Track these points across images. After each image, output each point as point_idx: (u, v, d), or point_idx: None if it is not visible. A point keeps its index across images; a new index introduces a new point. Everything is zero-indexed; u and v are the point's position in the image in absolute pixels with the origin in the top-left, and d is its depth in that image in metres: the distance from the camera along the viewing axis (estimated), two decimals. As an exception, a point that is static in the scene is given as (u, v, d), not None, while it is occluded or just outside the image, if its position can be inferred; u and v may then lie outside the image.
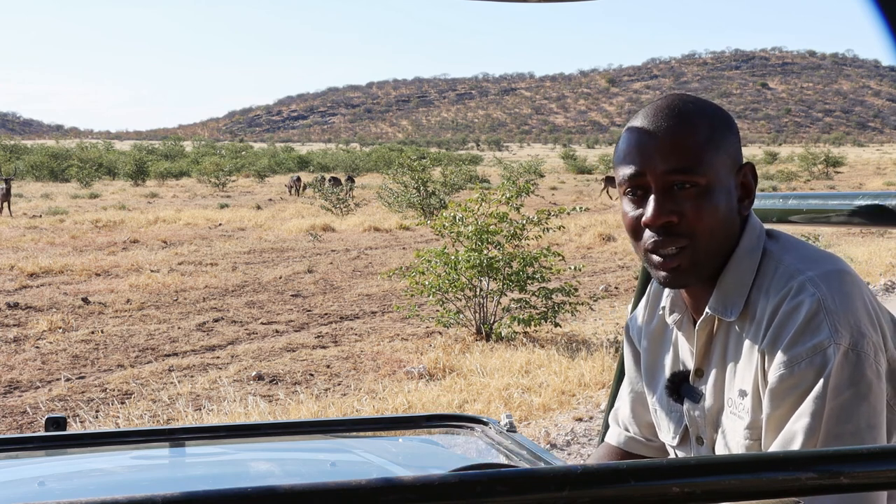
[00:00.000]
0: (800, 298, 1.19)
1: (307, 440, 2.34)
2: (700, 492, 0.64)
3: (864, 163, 76.78)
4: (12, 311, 10.38)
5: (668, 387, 1.40)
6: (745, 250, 1.29)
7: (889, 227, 1.59)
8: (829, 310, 1.17)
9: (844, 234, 17.14)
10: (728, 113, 1.33)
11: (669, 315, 1.40)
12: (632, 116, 1.34)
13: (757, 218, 1.33)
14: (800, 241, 1.32)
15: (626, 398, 1.58)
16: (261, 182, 46.30)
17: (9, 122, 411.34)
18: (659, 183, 1.26)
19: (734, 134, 1.32)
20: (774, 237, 1.33)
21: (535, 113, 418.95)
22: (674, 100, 1.32)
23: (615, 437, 1.61)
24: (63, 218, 22.17)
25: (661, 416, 1.46)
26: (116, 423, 6.28)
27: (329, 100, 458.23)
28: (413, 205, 21.81)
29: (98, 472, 2.22)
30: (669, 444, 1.45)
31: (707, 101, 1.33)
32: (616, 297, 11.88)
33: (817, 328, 1.16)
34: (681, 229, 1.27)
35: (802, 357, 1.16)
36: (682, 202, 1.26)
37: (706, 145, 1.27)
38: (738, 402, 1.27)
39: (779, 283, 1.23)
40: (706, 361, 1.34)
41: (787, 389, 1.17)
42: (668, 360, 1.44)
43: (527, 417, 6.43)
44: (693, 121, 1.29)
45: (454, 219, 9.49)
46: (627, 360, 1.57)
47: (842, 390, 1.14)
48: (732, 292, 1.28)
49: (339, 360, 8.30)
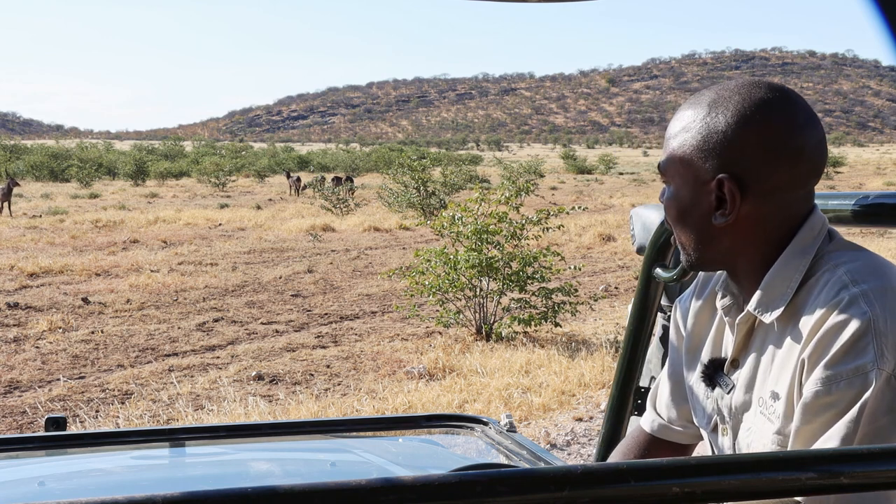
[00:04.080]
0: (850, 313, 1.13)
1: (307, 440, 2.34)
2: (700, 492, 0.64)
3: (864, 163, 76.79)
4: (12, 311, 10.38)
5: (703, 372, 1.39)
6: (796, 251, 1.24)
7: (889, 227, 1.59)
8: (878, 331, 1.11)
9: (844, 234, 17.05)
10: (750, 113, 1.22)
11: (721, 299, 1.36)
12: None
13: (820, 217, 1.27)
14: (860, 246, 1.27)
15: (666, 382, 1.55)
16: (261, 182, 46.27)
17: (9, 122, 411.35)
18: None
19: (729, 140, 1.22)
20: (835, 240, 1.27)
21: (535, 113, 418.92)
22: (701, 91, 1.31)
23: (648, 423, 1.58)
24: (63, 218, 22.16)
25: (697, 400, 1.43)
26: (116, 423, 6.28)
27: (329, 100, 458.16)
28: (413, 205, 21.80)
29: (98, 472, 2.21)
30: (703, 429, 1.43)
31: (737, 95, 1.24)
32: (616, 297, 11.88)
33: (863, 350, 1.11)
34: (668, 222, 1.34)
35: (843, 377, 1.12)
36: (665, 196, 1.32)
37: (679, 148, 1.27)
38: (770, 403, 1.24)
39: (831, 290, 1.17)
40: (743, 353, 1.32)
41: (821, 407, 1.14)
42: (709, 345, 1.42)
43: (527, 417, 6.43)
44: (680, 117, 1.29)
45: (454, 219, 9.48)
46: (672, 340, 1.54)
47: (878, 417, 1.10)
48: (775, 292, 1.24)
49: (339, 360, 8.30)
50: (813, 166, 1.24)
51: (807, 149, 1.23)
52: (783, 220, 1.25)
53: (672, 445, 1.55)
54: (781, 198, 1.23)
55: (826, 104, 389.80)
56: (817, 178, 1.26)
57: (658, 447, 1.55)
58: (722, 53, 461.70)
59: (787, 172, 1.22)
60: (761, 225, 1.25)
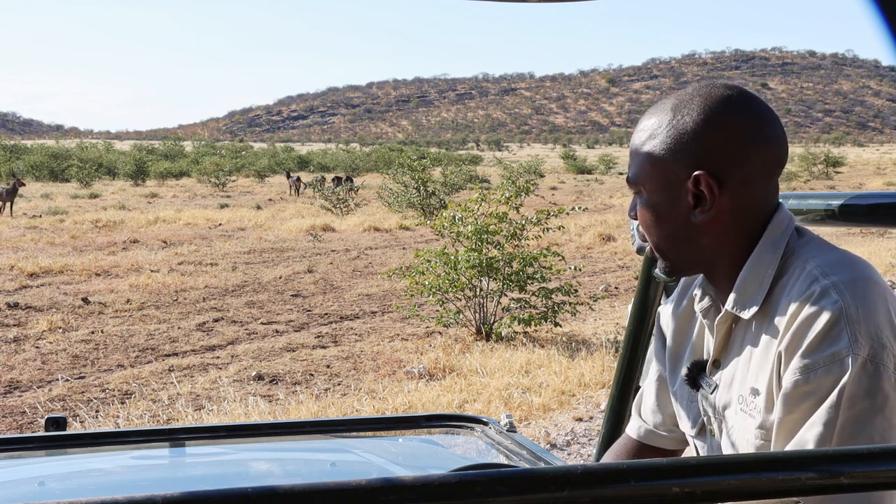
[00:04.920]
0: (821, 304, 1.16)
1: (307, 440, 2.34)
2: (700, 492, 0.64)
3: (864, 163, 76.81)
4: (12, 311, 10.38)
5: (686, 374, 1.40)
6: (767, 244, 1.27)
7: (889, 227, 1.59)
8: (850, 319, 1.14)
9: (845, 234, 17.12)
10: (715, 108, 1.25)
11: (699, 302, 1.39)
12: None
13: (787, 213, 1.30)
14: (830, 243, 1.29)
15: (651, 387, 1.56)
16: (261, 182, 46.29)
17: (9, 122, 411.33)
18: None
19: (700, 137, 1.24)
20: (804, 236, 1.30)
21: (535, 113, 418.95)
22: (658, 101, 1.33)
23: (635, 430, 1.59)
24: (63, 218, 22.16)
25: (681, 404, 1.45)
26: (116, 423, 6.28)
27: (329, 100, 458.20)
28: (413, 205, 21.81)
29: (98, 472, 2.21)
30: (689, 433, 1.44)
31: (698, 96, 1.27)
32: (616, 297, 11.88)
33: (837, 337, 1.14)
34: (643, 230, 1.36)
35: (819, 365, 1.15)
36: (638, 206, 1.34)
37: (649, 155, 1.29)
38: (750, 400, 1.26)
39: (802, 284, 1.21)
40: (724, 354, 1.34)
41: (801, 396, 1.16)
42: (691, 348, 1.44)
43: (527, 417, 6.43)
44: (644, 127, 1.31)
45: (454, 219, 9.49)
46: (656, 347, 1.55)
47: (857, 401, 1.12)
48: (750, 289, 1.27)
49: (339, 360, 8.30)
50: (778, 158, 1.29)
51: (773, 137, 1.27)
52: (755, 214, 1.28)
53: (659, 451, 1.56)
54: (753, 190, 1.27)
55: (826, 104, 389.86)
56: (781, 170, 1.31)
57: (645, 453, 1.56)
58: (722, 53, 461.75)
59: (755, 163, 1.26)
60: (737, 219, 1.28)
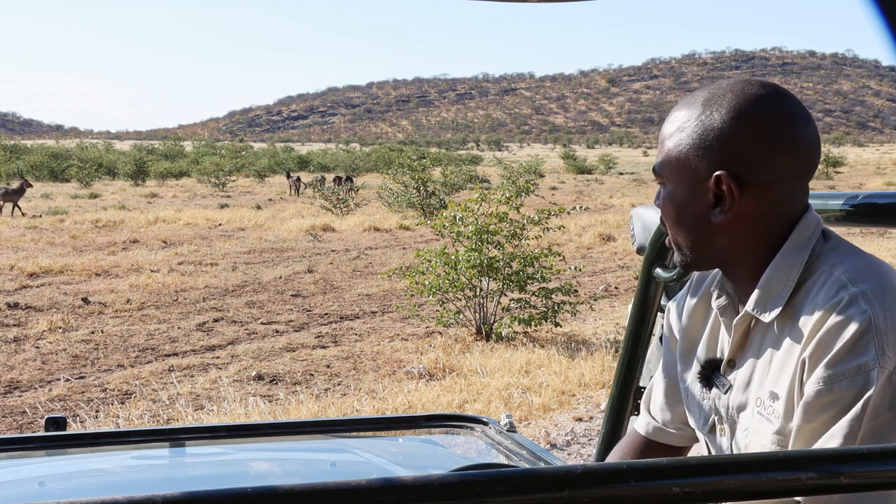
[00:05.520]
0: (849, 313, 1.14)
1: (307, 440, 2.34)
2: (700, 492, 0.64)
3: (864, 163, 76.78)
4: (12, 311, 10.38)
5: (700, 373, 1.38)
6: (792, 248, 1.24)
7: (889, 227, 1.59)
8: (878, 330, 1.12)
9: (844, 234, 17.04)
10: (745, 108, 1.21)
11: (716, 299, 1.36)
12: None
13: (814, 216, 1.26)
14: (857, 247, 1.27)
15: (660, 384, 1.54)
16: (261, 182, 46.27)
17: (9, 122, 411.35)
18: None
19: (725, 136, 1.22)
20: (830, 239, 1.27)
21: (535, 113, 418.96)
22: (693, 91, 1.30)
23: (643, 427, 1.57)
24: (63, 218, 22.16)
25: (692, 402, 1.43)
26: (116, 423, 6.28)
27: (329, 100, 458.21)
28: (413, 205, 21.80)
29: (98, 472, 2.22)
30: (699, 431, 1.42)
31: (730, 93, 1.23)
32: (616, 297, 11.88)
33: (864, 348, 1.12)
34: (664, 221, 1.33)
35: (844, 375, 1.12)
36: (661, 196, 1.32)
37: (675, 148, 1.27)
38: (769, 404, 1.24)
39: (829, 290, 1.18)
40: (740, 354, 1.32)
41: (823, 406, 1.14)
42: (704, 345, 1.41)
43: (527, 417, 6.43)
44: (674, 118, 1.28)
45: (454, 219, 9.49)
46: (665, 342, 1.54)
47: (880, 413, 1.11)
48: (773, 291, 1.24)
49: (339, 360, 8.30)
50: (808, 161, 1.24)
51: (802, 143, 1.22)
52: (780, 217, 1.24)
53: (667, 448, 1.54)
54: (778, 193, 1.23)
55: (826, 104, 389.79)
56: (812, 173, 1.26)
57: (653, 450, 1.54)
58: (722, 53, 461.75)
59: (782, 166, 1.22)
60: (759, 221, 1.24)
